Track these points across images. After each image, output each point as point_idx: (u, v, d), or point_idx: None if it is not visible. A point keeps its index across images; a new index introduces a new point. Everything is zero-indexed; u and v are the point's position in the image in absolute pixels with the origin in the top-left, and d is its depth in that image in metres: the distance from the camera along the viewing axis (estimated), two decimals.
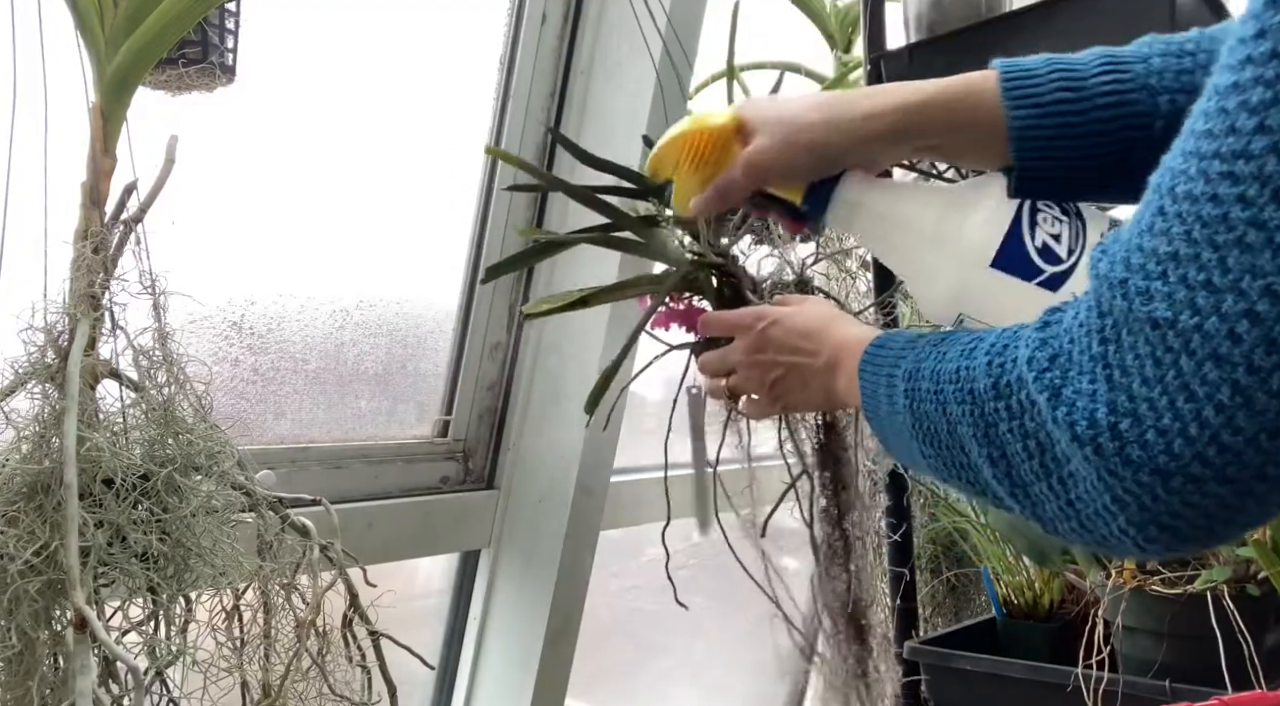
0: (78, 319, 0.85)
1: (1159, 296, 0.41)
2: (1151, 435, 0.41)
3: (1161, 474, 0.41)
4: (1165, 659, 1.15)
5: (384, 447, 1.35)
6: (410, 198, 1.37)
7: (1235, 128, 0.38)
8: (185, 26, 0.89)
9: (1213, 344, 0.39)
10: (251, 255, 1.22)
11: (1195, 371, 0.40)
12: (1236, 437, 0.39)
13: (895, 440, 0.63)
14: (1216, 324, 0.39)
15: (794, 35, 1.83)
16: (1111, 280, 0.43)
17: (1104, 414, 0.43)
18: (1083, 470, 0.45)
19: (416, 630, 1.46)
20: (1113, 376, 0.43)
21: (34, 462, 0.81)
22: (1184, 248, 0.40)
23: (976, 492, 0.56)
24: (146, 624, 0.85)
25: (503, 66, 1.46)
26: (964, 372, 0.53)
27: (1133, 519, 0.44)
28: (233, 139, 1.16)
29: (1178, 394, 0.40)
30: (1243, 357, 0.38)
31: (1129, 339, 0.42)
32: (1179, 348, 0.40)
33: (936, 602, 1.79)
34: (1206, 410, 0.40)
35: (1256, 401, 0.38)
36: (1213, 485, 0.41)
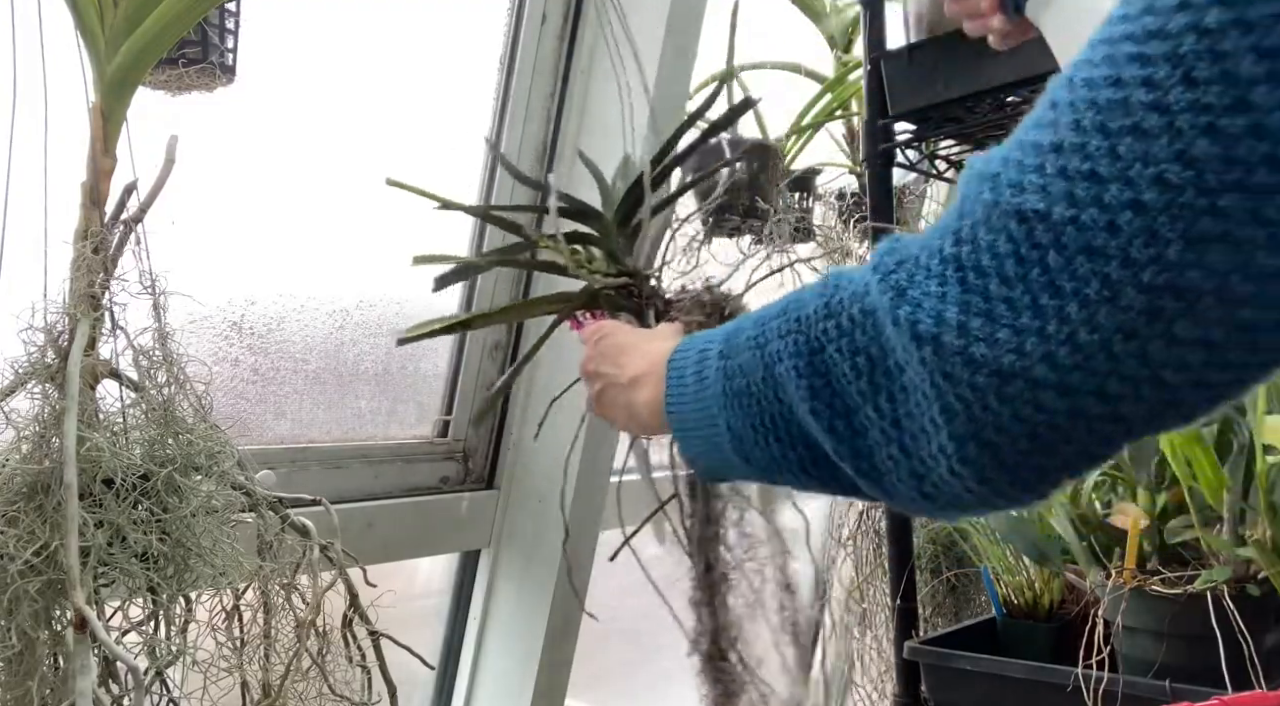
0: (78, 319, 0.85)
1: (1032, 188, 0.39)
2: (1004, 333, 0.39)
3: (1002, 375, 0.39)
4: (1165, 659, 1.15)
5: (384, 447, 1.35)
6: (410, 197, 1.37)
7: (1154, 5, 0.36)
8: (185, 26, 0.89)
9: (1087, 236, 0.37)
10: (251, 255, 1.22)
11: (1064, 266, 0.38)
12: (1093, 336, 0.37)
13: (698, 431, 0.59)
14: (1095, 215, 0.37)
15: (794, 35, 1.83)
16: (983, 175, 0.41)
17: (954, 313, 0.40)
18: (917, 377, 0.42)
19: (416, 630, 1.46)
20: (966, 277, 0.41)
21: (34, 462, 0.81)
22: (1070, 137, 0.38)
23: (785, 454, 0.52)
24: (146, 624, 0.85)
25: (503, 66, 1.46)
26: (792, 305, 0.51)
27: (956, 432, 0.41)
28: (233, 139, 1.16)
29: (1041, 291, 0.38)
30: (1119, 250, 0.36)
31: (988, 237, 0.40)
32: (1048, 242, 0.38)
33: (936, 602, 1.79)
34: (1070, 306, 0.37)
35: (1124, 296, 0.36)
36: (1050, 395, 0.39)
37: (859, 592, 1.85)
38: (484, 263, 1.04)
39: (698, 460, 0.62)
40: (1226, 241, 0.34)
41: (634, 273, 1.04)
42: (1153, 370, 0.37)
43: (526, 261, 1.05)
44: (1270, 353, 0.37)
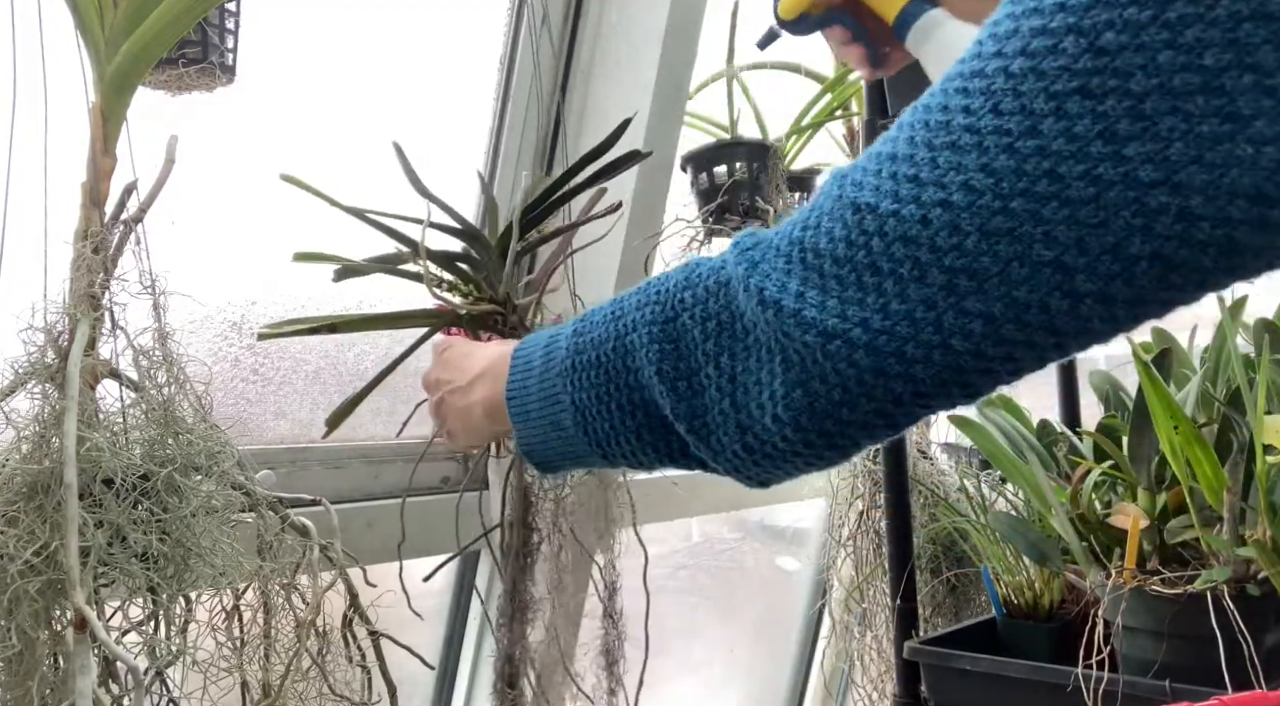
0: (78, 319, 0.85)
1: (868, 186, 0.48)
2: (832, 303, 0.48)
3: (826, 334, 0.48)
4: (1165, 659, 1.15)
5: (384, 447, 1.34)
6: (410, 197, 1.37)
7: (979, 53, 0.45)
8: (185, 26, 0.90)
9: (905, 227, 0.46)
10: (251, 255, 1.22)
11: (884, 250, 0.47)
12: (901, 306, 0.46)
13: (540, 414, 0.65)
14: (913, 210, 0.46)
15: None
16: (836, 174, 0.50)
17: (795, 284, 0.50)
18: (764, 335, 0.51)
19: (416, 630, 1.46)
20: (806, 256, 0.50)
21: (34, 462, 0.81)
22: (904, 149, 0.47)
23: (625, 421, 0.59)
24: (146, 624, 0.85)
25: (503, 66, 1.46)
26: (652, 284, 0.59)
27: (789, 379, 0.50)
28: (233, 139, 1.16)
29: (865, 270, 0.47)
30: (929, 238, 0.45)
31: (828, 225, 0.49)
32: (873, 230, 0.47)
33: (936, 602, 1.79)
34: (886, 282, 0.47)
35: (929, 275, 0.45)
36: (861, 353, 0.47)
37: (859, 592, 1.85)
38: (367, 267, 1.05)
39: (535, 448, 0.67)
40: (1011, 235, 0.43)
41: (504, 300, 1.04)
42: (943, 337, 0.46)
43: (401, 272, 1.06)
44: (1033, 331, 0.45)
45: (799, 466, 0.55)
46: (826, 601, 1.99)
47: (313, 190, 1.04)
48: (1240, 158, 0.39)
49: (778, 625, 2.20)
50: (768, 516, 2.19)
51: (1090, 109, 0.41)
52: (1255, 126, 0.39)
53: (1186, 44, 0.39)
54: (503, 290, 1.05)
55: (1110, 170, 0.41)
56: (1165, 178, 0.40)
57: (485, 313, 1.03)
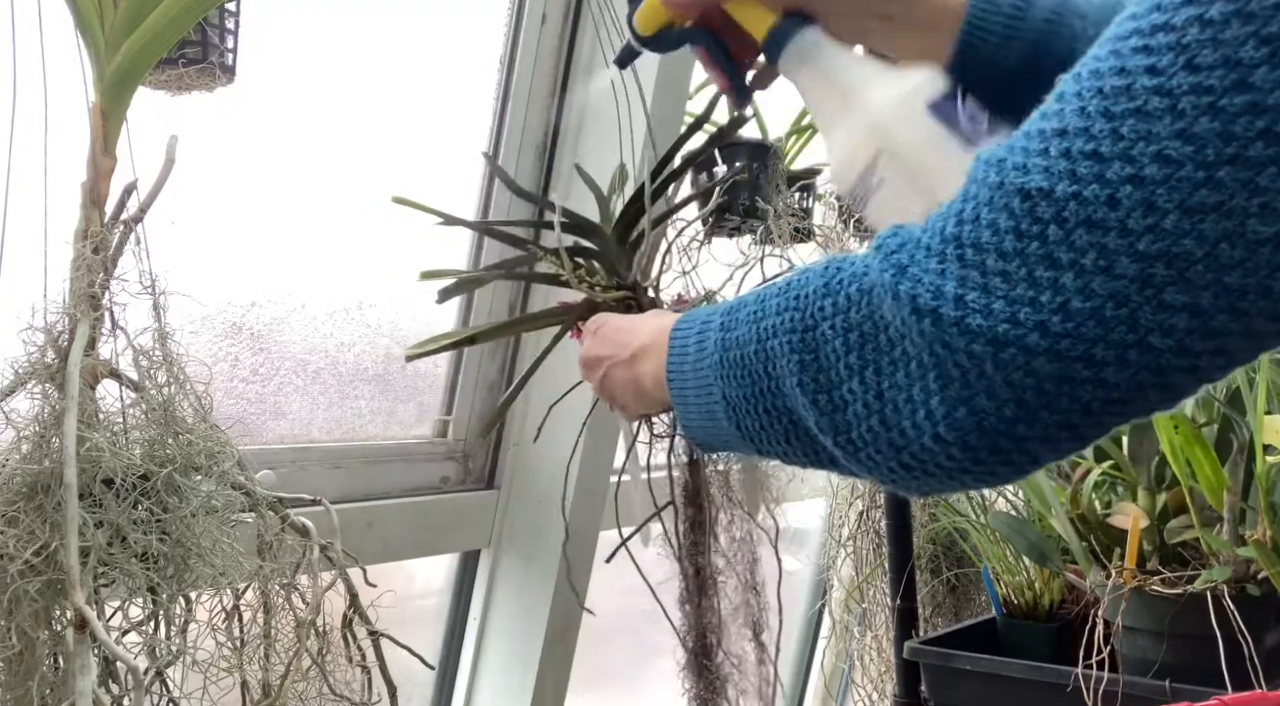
0: (78, 319, 0.85)
1: (1036, 169, 0.42)
2: (999, 304, 0.42)
3: (997, 343, 0.42)
4: (1165, 659, 1.15)
5: (384, 447, 1.35)
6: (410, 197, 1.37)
7: (1160, 5, 0.39)
8: (185, 26, 0.89)
9: (1088, 210, 0.40)
10: (251, 255, 1.22)
11: (1063, 239, 0.41)
12: (1086, 304, 0.40)
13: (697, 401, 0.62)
14: (1097, 190, 0.40)
15: None
16: (989, 161, 0.44)
17: (952, 286, 0.44)
18: (914, 349, 0.45)
19: (416, 630, 1.46)
20: (965, 254, 0.44)
21: (34, 462, 0.81)
22: (1075, 122, 0.41)
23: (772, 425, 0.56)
24: (146, 624, 0.85)
25: (503, 66, 1.46)
26: (794, 283, 0.54)
27: (949, 397, 0.44)
28: (233, 139, 1.16)
29: (1038, 264, 0.41)
30: (1118, 221, 0.39)
31: (989, 215, 0.43)
32: (1049, 217, 0.41)
33: (936, 602, 1.79)
34: (1065, 276, 0.41)
35: (1118, 265, 0.40)
36: (1041, 361, 0.41)
37: (859, 592, 1.85)
38: (488, 276, 1.06)
39: (694, 430, 0.65)
40: (1220, 210, 0.38)
41: (633, 285, 1.04)
42: (1140, 335, 0.40)
43: (527, 274, 1.06)
44: (1251, 319, 0.40)
45: (968, 483, 0.49)
46: (826, 601, 1.99)
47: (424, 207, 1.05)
48: None
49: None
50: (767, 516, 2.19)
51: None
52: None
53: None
54: (631, 275, 1.05)
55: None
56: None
57: (618, 298, 1.03)
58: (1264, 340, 0.41)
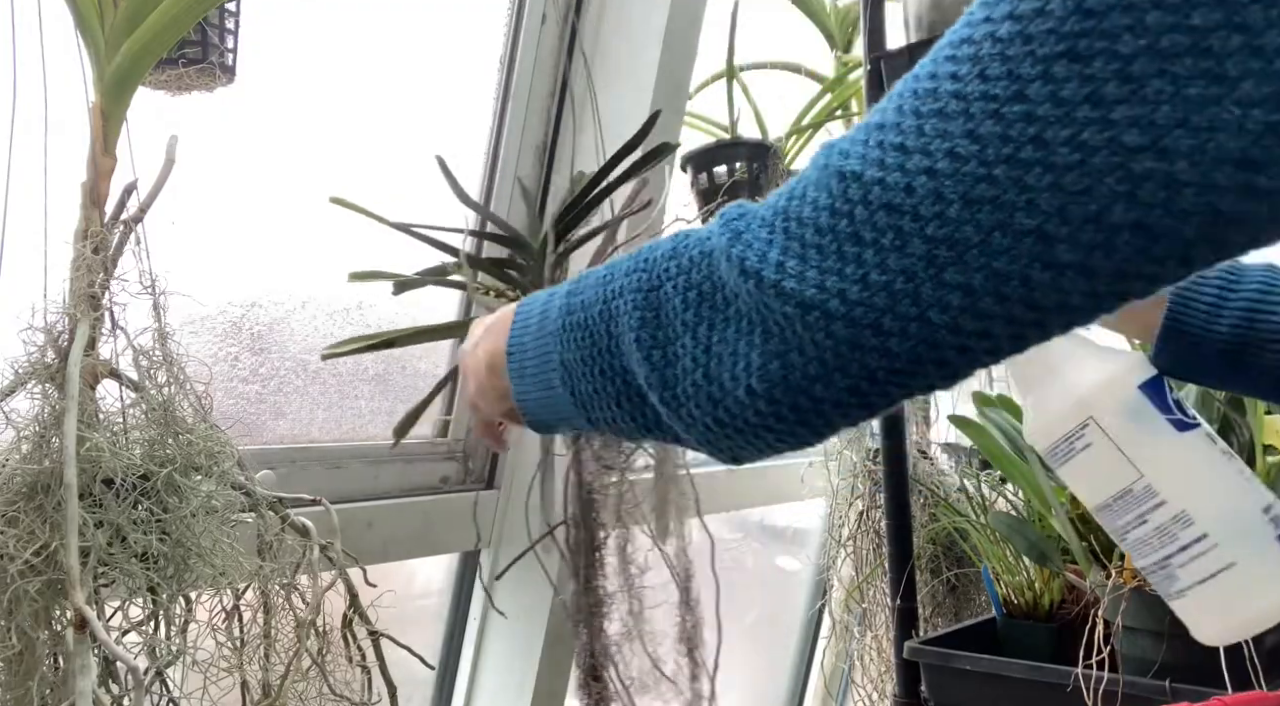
0: (78, 319, 0.85)
1: (854, 156, 0.47)
2: (812, 273, 0.47)
3: (804, 305, 0.47)
4: (1165, 659, 1.15)
5: (384, 448, 1.35)
6: (411, 198, 1.37)
7: (969, 21, 0.45)
8: (185, 26, 0.90)
9: (890, 195, 0.45)
10: (251, 255, 1.22)
11: (867, 219, 0.46)
12: (880, 278, 0.45)
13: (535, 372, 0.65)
14: (897, 178, 0.45)
15: (794, 35, 1.83)
16: (826, 147, 0.49)
17: (775, 253, 0.49)
18: (744, 306, 0.51)
19: (416, 630, 1.46)
20: (789, 226, 0.49)
21: (34, 462, 0.81)
22: (891, 117, 0.46)
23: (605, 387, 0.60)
24: (146, 624, 0.85)
25: (503, 66, 1.46)
26: (645, 250, 0.59)
27: (767, 352, 0.50)
28: (233, 139, 1.16)
29: (846, 240, 0.47)
30: (912, 207, 0.44)
31: (813, 194, 0.48)
32: (857, 198, 0.46)
33: (936, 602, 1.79)
34: (866, 252, 0.46)
35: (910, 245, 0.45)
36: (839, 325, 0.47)
37: (859, 592, 1.85)
38: (418, 280, 1.07)
39: (529, 403, 0.67)
40: (994, 203, 0.43)
41: None
42: (921, 309, 0.45)
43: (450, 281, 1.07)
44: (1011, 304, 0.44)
45: (770, 442, 0.54)
46: (826, 601, 1.99)
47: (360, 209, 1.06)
48: (1227, 121, 0.38)
49: (778, 625, 2.20)
50: (768, 516, 2.19)
51: (1078, 72, 0.40)
52: (1243, 88, 0.38)
53: (1174, 3, 0.39)
54: None
55: (1096, 135, 0.40)
56: (1151, 142, 0.39)
57: None
58: (1023, 329, 0.45)
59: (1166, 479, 0.72)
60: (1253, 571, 0.70)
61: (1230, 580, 0.70)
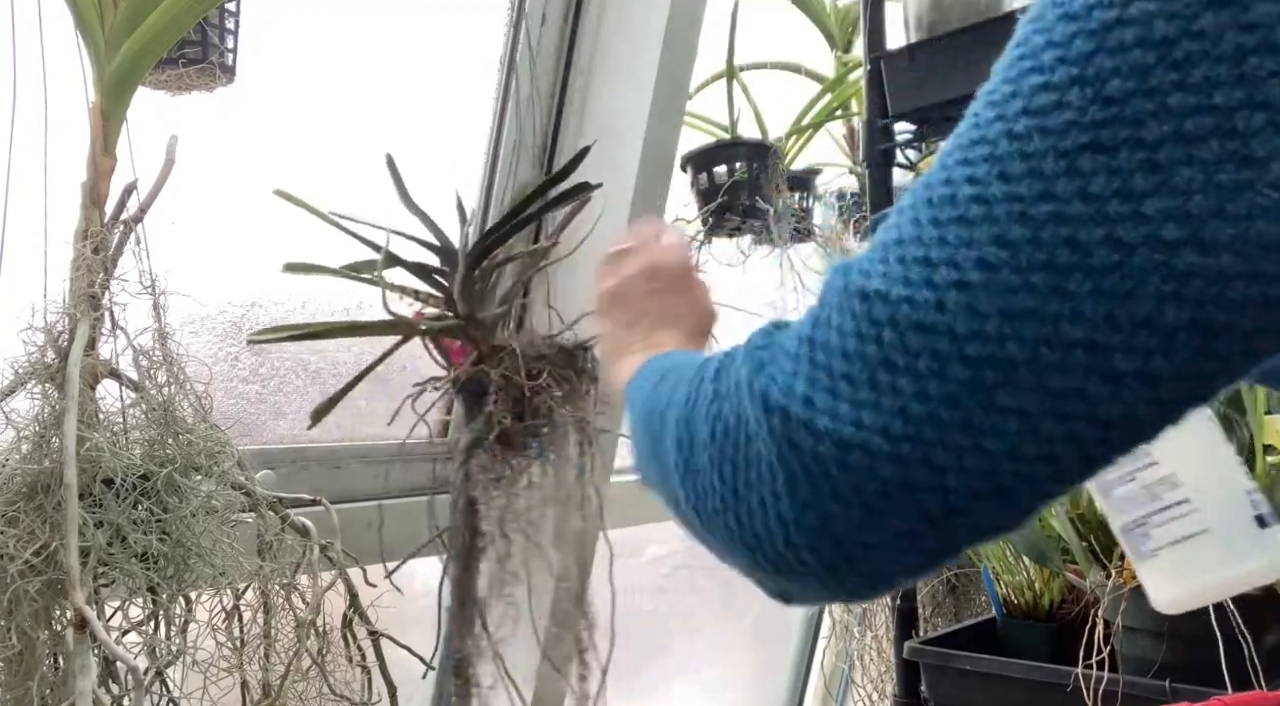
0: (78, 319, 0.85)
1: (875, 274, 0.43)
2: (845, 407, 0.42)
3: (842, 445, 0.42)
4: (1165, 659, 1.15)
5: (384, 447, 1.34)
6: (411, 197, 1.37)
7: (977, 122, 0.42)
8: (185, 26, 0.90)
9: (919, 313, 0.41)
10: (251, 255, 1.22)
11: (898, 341, 0.41)
12: (923, 408, 0.41)
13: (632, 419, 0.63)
14: (927, 294, 0.41)
15: (794, 35, 1.83)
16: (841, 267, 0.46)
17: (802, 386, 0.44)
18: (764, 447, 0.45)
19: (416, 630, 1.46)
20: (815, 355, 0.44)
21: (34, 462, 0.81)
22: (909, 230, 0.43)
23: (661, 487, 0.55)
24: (146, 624, 0.85)
25: (503, 66, 1.46)
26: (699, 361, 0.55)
27: (798, 499, 0.44)
28: (233, 139, 1.16)
29: (878, 367, 0.42)
30: (945, 326, 0.40)
31: (836, 319, 0.44)
32: (884, 319, 0.42)
33: (936, 602, 1.79)
34: (901, 380, 0.41)
35: (950, 369, 0.40)
36: (884, 463, 0.42)
37: None
38: (342, 274, 1.09)
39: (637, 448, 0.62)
40: (1035, 315, 0.39)
41: (466, 315, 1.06)
42: (974, 439, 0.41)
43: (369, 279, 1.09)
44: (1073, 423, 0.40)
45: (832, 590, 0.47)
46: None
47: (298, 201, 1.07)
48: (1264, 207, 0.36)
49: (778, 625, 2.20)
50: None
51: (1104, 165, 0.38)
52: (1273, 170, 0.36)
53: (1195, 84, 0.36)
54: (463, 307, 1.07)
55: (1131, 231, 0.37)
56: (1190, 236, 0.37)
57: (447, 327, 1.06)
58: (1089, 448, 0.41)
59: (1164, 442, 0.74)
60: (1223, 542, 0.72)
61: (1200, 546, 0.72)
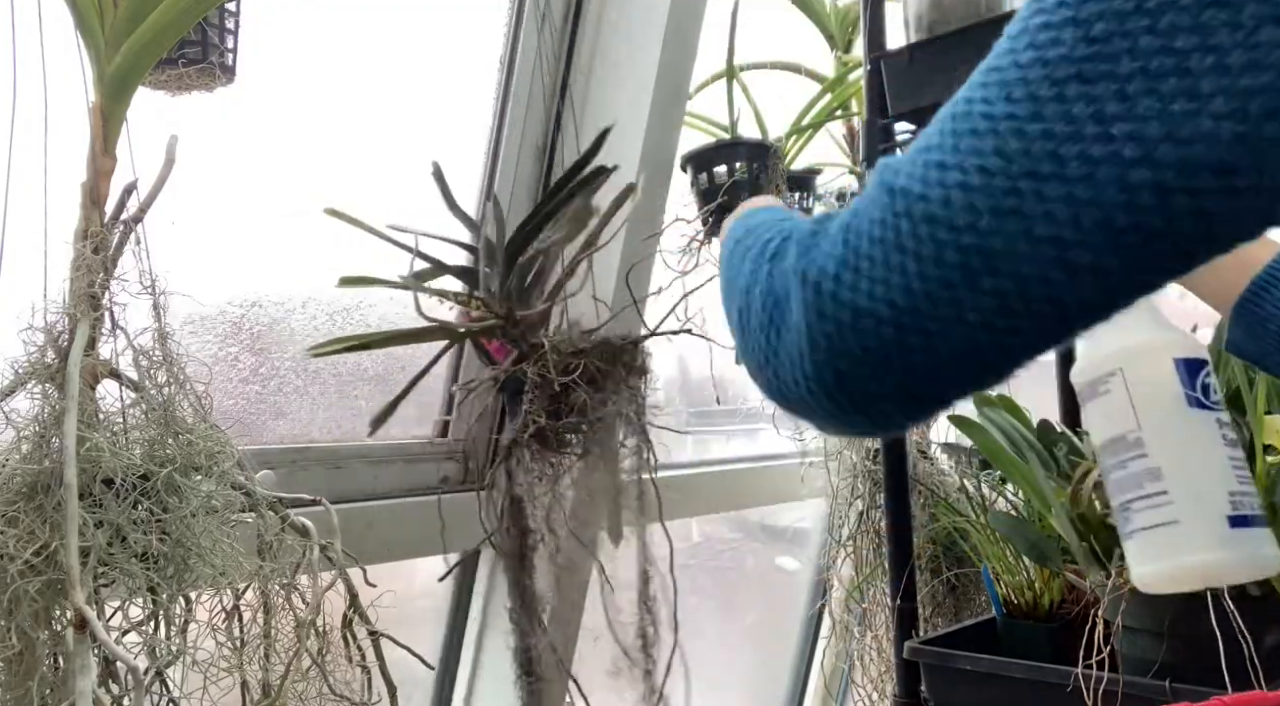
0: (78, 319, 0.85)
1: (903, 174, 0.52)
2: (863, 283, 0.52)
3: (857, 312, 0.52)
4: (1165, 659, 1.15)
5: (384, 447, 1.35)
6: (411, 198, 1.37)
7: (997, 53, 0.50)
8: (185, 26, 0.90)
9: (929, 207, 0.50)
10: (251, 255, 1.22)
11: (910, 230, 0.51)
12: (923, 284, 0.50)
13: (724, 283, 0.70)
14: (937, 192, 0.50)
15: (794, 35, 1.84)
16: (883, 165, 0.55)
17: (833, 266, 0.54)
18: (799, 315, 0.55)
19: (416, 630, 1.46)
20: (848, 239, 0.54)
21: (34, 462, 0.81)
22: (934, 139, 0.52)
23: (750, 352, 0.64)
24: (146, 624, 0.85)
25: (503, 66, 1.46)
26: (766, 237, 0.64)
27: (819, 355, 0.54)
28: (233, 139, 1.16)
29: (892, 250, 0.51)
30: (948, 219, 0.49)
31: (866, 209, 0.53)
32: (902, 211, 0.51)
33: (936, 602, 1.79)
34: (908, 262, 0.50)
35: (946, 255, 0.49)
36: (888, 329, 0.51)
37: (859, 592, 1.85)
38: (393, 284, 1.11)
39: None
40: (1017, 214, 0.47)
41: (505, 314, 1.06)
42: (958, 312, 0.50)
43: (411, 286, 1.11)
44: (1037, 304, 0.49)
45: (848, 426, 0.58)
46: (826, 601, 1.99)
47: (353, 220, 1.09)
48: (1205, 133, 0.44)
49: (778, 625, 2.20)
50: (768, 516, 2.19)
51: (1085, 93, 0.46)
52: (1215, 103, 0.43)
53: (1162, 29, 0.44)
54: (502, 305, 1.07)
55: (1100, 149, 0.45)
56: (1145, 155, 0.44)
57: (487, 327, 1.06)
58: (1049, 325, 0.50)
59: (1156, 438, 0.79)
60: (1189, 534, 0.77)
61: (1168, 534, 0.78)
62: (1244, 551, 0.77)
